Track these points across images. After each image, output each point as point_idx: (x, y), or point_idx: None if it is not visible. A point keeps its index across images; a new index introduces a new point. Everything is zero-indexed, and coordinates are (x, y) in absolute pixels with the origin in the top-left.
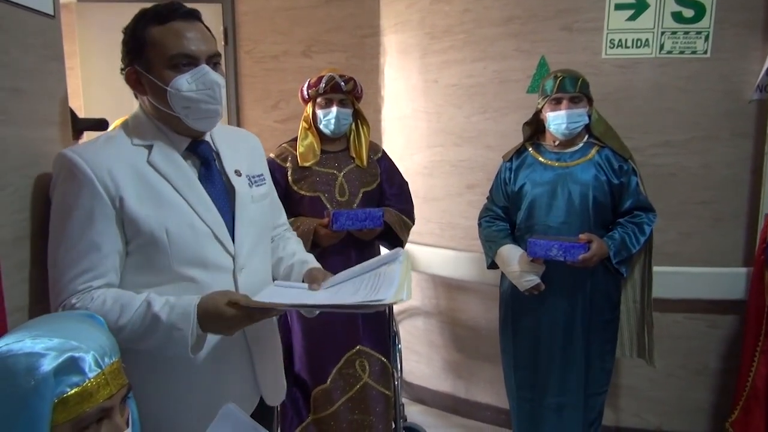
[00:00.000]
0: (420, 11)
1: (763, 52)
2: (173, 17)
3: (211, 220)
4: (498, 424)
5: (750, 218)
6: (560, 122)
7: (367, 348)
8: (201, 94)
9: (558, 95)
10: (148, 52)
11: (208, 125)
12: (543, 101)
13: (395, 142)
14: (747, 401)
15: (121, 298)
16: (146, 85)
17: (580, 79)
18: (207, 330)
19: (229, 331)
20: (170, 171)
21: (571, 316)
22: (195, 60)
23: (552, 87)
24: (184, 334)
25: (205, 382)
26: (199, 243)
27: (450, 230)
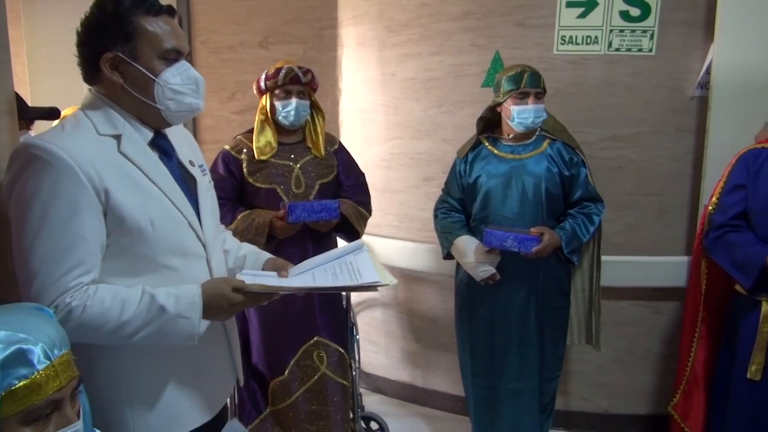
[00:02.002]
0: (378, 4)
1: (703, 51)
2: (162, 11)
3: (185, 209)
4: (455, 412)
5: (691, 210)
6: (527, 116)
7: (325, 339)
8: (186, 87)
9: (526, 90)
10: (137, 41)
11: (183, 119)
12: (506, 95)
13: (354, 134)
14: (687, 385)
15: (119, 293)
16: (126, 73)
17: (541, 75)
18: (209, 317)
19: (229, 316)
20: (143, 161)
21: (525, 304)
22: (180, 55)
23: (519, 81)
24: (192, 323)
25: (194, 367)
26: (178, 232)
27: (408, 222)
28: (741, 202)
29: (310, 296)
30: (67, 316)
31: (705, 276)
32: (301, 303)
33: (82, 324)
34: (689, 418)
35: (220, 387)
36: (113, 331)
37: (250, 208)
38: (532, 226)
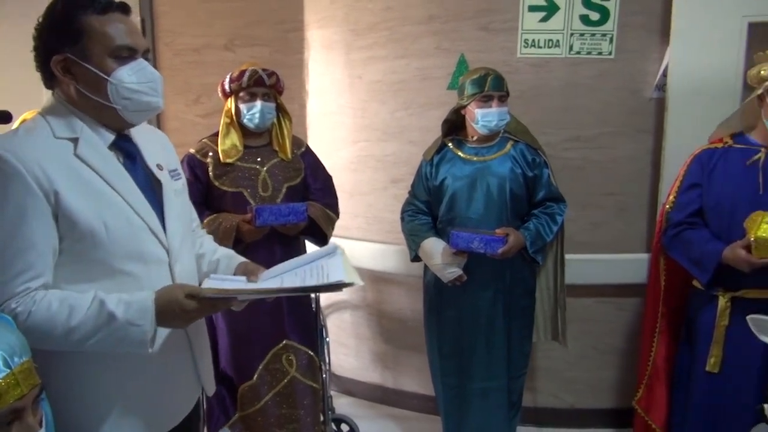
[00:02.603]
0: (344, 7)
1: (660, 54)
2: (111, 8)
3: (145, 213)
4: (425, 411)
5: (651, 208)
6: (491, 119)
7: (294, 342)
8: (143, 86)
9: (489, 93)
10: (86, 41)
11: (144, 118)
12: (470, 98)
13: (321, 137)
14: (649, 379)
15: (68, 298)
16: (78, 74)
17: (504, 78)
18: (163, 324)
19: (186, 323)
20: (100, 164)
21: (492, 303)
22: (135, 53)
23: (483, 85)
24: (143, 330)
25: (153, 376)
26: (136, 237)
27: (376, 224)
28: (697, 200)
29: (278, 299)
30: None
31: (664, 272)
32: (270, 306)
33: (29, 329)
34: (652, 411)
35: (182, 397)
36: (62, 336)
37: (217, 212)
38: (497, 226)
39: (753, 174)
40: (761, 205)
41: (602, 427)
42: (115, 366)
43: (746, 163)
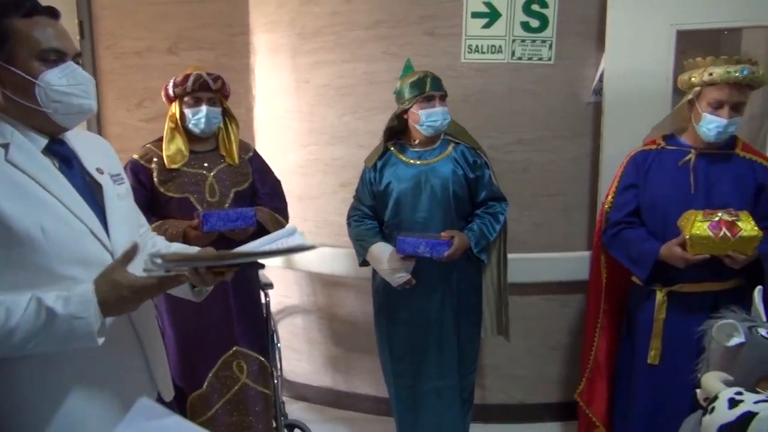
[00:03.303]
0: (290, 12)
1: (597, 60)
2: (38, 12)
3: (86, 217)
4: (378, 413)
5: (591, 208)
6: (435, 119)
7: (245, 348)
8: (74, 89)
9: (431, 93)
10: (11, 45)
11: (76, 121)
12: (411, 101)
13: (269, 141)
14: (591, 373)
15: (3, 302)
16: (6, 79)
17: (441, 80)
18: (111, 312)
19: (137, 304)
20: (34, 169)
21: (441, 304)
22: (63, 56)
23: (423, 86)
24: (88, 321)
25: (102, 381)
26: (77, 241)
27: (326, 228)
28: (633, 200)
29: (227, 306)
30: None
31: (605, 270)
32: (219, 313)
33: None
34: (593, 404)
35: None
36: (2, 341)
37: (163, 219)
38: (442, 227)
39: (685, 174)
40: (693, 203)
41: (550, 421)
42: (61, 365)
43: (678, 164)
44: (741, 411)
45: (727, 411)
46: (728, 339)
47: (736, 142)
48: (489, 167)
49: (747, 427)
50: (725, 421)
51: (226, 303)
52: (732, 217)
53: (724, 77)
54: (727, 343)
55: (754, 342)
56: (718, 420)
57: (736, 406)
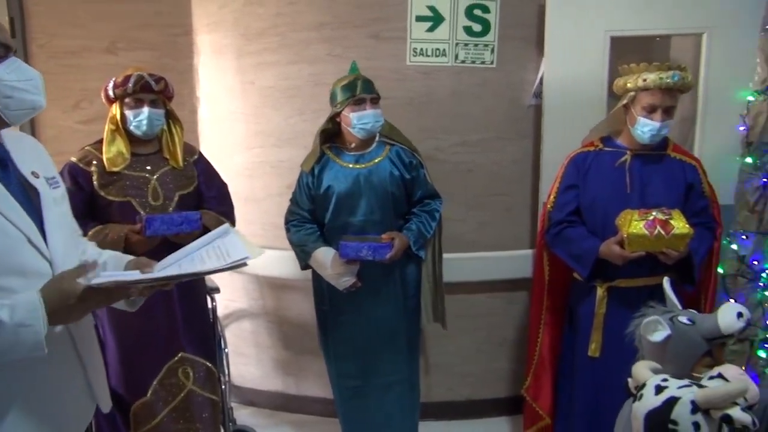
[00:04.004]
0: (233, 12)
1: (537, 64)
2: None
3: (23, 224)
4: (327, 415)
5: (533, 208)
6: (367, 121)
7: (191, 354)
8: (24, 84)
9: (362, 96)
10: None
11: (25, 117)
12: (343, 103)
13: (214, 143)
14: (536, 368)
15: None
16: None
17: (372, 82)
18: (57, 321)
19: (81, 314)
20: None
21: (386, 302)
22: (8, 50)
23: (354, 89)
24: (36, 330)
25: (41, 392)
26: (14, 250)
27: (273, 230)
28: (574, 200)
29: (172, 312)
30: None
31: (548, 267)
32: (164, 319)
33: None
34: (539, 399)
35: (75, 413)
36: None
37: (103, 223)
38: (382, 228)
39: (621, 175)
40: (629, 202)
41: (497, 416)
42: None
43: (615, 164)
44: (666, 396)
45: (654, 397)
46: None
47: (668, 144)
48: (423, 166)
49: (671, 410)
50: (652, 407)
51: (171, 309)
52: (665, 216)
53: (656, 83)
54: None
55: (679, 332)
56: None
57: (662, 392)
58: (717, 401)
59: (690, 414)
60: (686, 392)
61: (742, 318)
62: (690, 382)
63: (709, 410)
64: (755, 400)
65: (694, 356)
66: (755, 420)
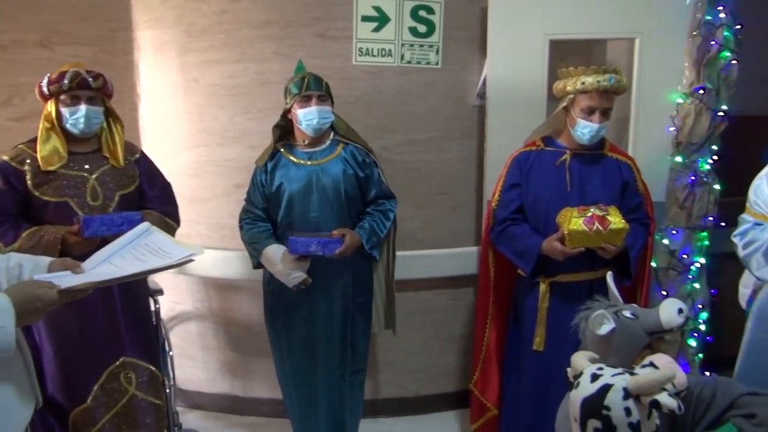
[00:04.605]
0: (175, 8)
1: (480, 65)
2: None
3: None
4: (276, 416)
5: (478, 206)
6: (312, 117)
7: (133, 358)
8: None
9: (307, 93)
10: None
11: None
12: (292, 100)
13: (156, 142)
14: (483, 363)
15: None
16: None
17: (324, 81)
18: (22, 322)
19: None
20: None
21: (336, 300)
22: None
23: (301, 86)
24: (7, 331)
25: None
26: None
27: (219, 231)
28: (517, 198)
29: (113, 314)
30: None
31: (493, 264)
32: (104, 322)
33: None
34: (487, 392)
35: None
36: None
37: (38, 224)
38: (335, 226)
39: (561, 173)
40: (569, 200)
41: (446, 410)
42: None
43: (555, 164)
44: (600, 384)
45: (590, 384)
46: (600, 327)
47: (605, 143)
48: (378, 166)
49: (605, 397)
50: (587, 394)
51: (112, 311)
52: (603, 212)
53: (594, 86)
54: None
55: (623, 325)
56: (582, 393)
57: (597, 380)
58: (647, 388)
59: (622, 400)
60: (619, 380)
61: (682, 313)
62: (623, 370)
63: (639, 396)
64: (683, 387)
65: (636, 349)
66: (680, 405)
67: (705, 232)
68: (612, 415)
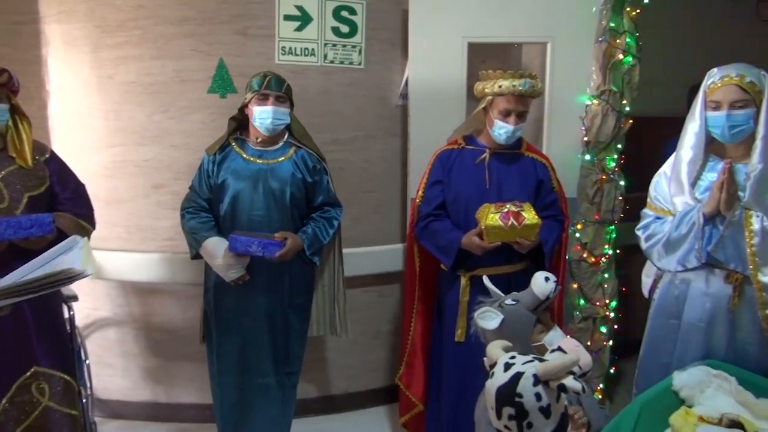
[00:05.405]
0: (86, 2)
1: (402, 66)
2: None
3: None
4: (202, 421)
5: (402, 203)
6: (266, 117)
7: (46, 368)
8: None
9: (266, 92)
10: None
11: None
12: (251, 96)
13: (68, 141)
14: (409, 356)
15: None
16: None
17: (286, 82)
18: None
19: None
20: None
21: (272, 302)
22: None
23: (261, 83)
24: None
25: None
26: None
27: (139, 233)
28: (440, 195)
29: (22, 323)
30: None
31: (418, 259)
32: (12, 331)
33: None
34: (412, 385)
35: None
36: None
37: None
38: (278, 228)
39: (481, 171)
40: (488, 197)
41: (376, 406)
42: None
43: (475, 162)
44: (512, 372)
45: (503, 374)
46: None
47: (522, 143)
48: (327, 173)
49: (517, 384)
50: (501, 383)
51: (21, 320)
52: (518, 208)
53: (510, 89)
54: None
55: (508, 313)
56: (496, 382)
57: (509, 369)
58: (554, 373)
59: (532, 386)
60: (529, 367)
61: (549, 280)
62: (533, 357)
63: (548, 381)
64: (588, 368)
65: (529, 328)
66: (584, 386)
67: (612, 226)
68: (524, 401)
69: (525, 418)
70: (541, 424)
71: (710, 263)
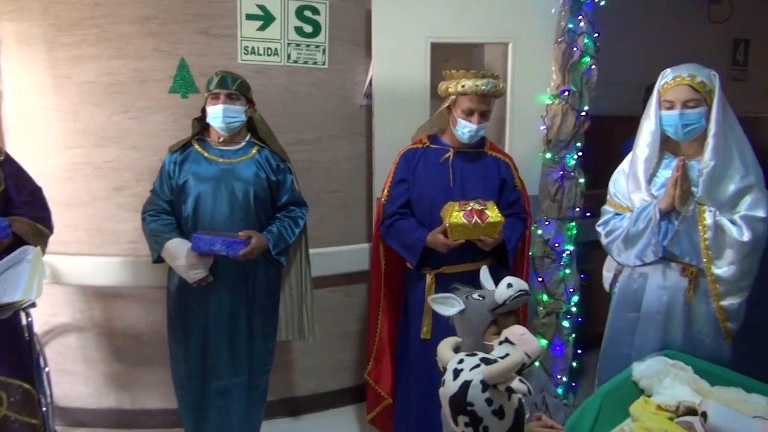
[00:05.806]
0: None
1: (366, 66)
2: None
3: None
4: (169, 426)
5: (368, 203)
6: (217, 116)
7: (3, 377)
8: None
9: (217, 91)
10: None
11: None
12: (206, 96)
13: (23, 143)
14: (377, 353)
15: None
16: None
17: (240, 79)
18: None
19: None
20: None
21: (236, 303)
22: None
23: (213, 83)
24: None
25: None
26: None
27: (99, 236)
28: (405, 193)
29: None
30: None
31: (384, 258)
32: None
33: None
34: (381, 380)
35: None
36: None
37: None
38: (242, 228)
39: (445, 170)
40: (452, 195)
41: (344, 405)
42: None
43: (440, 161)
44: (461, 381)
45: (453, 383)
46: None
47: (485, 142)
48: (292, 173)
49: (466, 393)
50: (452, 393)
51: None
52: (481, 207)
53: (473, 89)
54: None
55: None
56: (448, 392)
57: (458, 376)
58: (500, 378)
59: (481, 393)
60: (476, 374)
61: (511, 287)
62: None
63: (496, 385)
64: (536, 354)
65: (483, 326)
66: (529, 388)
67: (573, 222)
68: (476, 408)
69: (480, 423)
70: (496, 425)
71: (666, 257)
